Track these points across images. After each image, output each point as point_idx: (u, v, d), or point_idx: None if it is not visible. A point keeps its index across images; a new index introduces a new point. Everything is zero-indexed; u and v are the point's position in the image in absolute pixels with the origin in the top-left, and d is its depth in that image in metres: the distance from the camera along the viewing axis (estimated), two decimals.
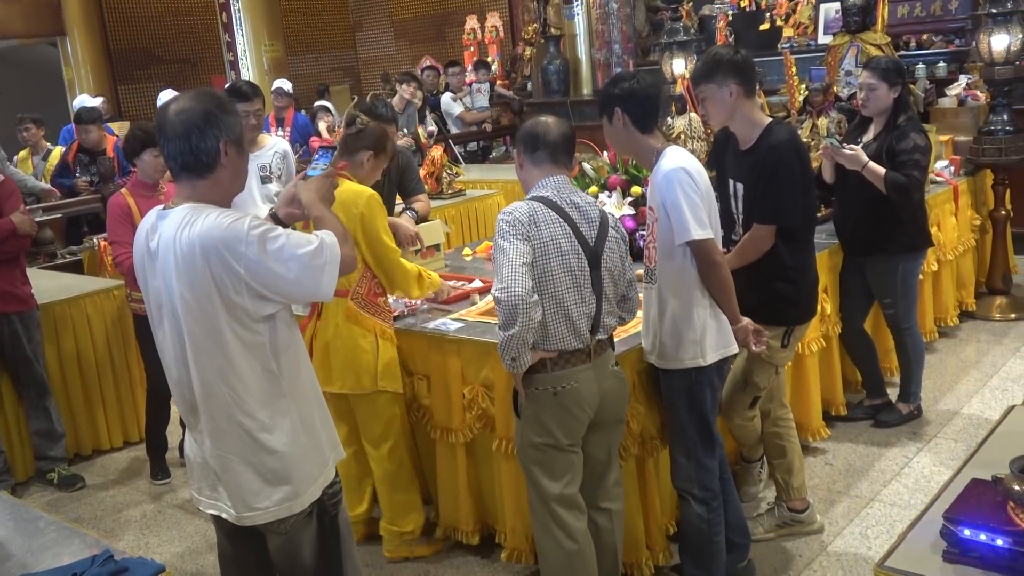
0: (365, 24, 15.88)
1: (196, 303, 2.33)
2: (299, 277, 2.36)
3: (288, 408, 2.46)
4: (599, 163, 4.83)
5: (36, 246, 5.99)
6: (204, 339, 2.36)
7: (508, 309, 2.71)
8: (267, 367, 2.42)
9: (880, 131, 4.42)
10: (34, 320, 4.76)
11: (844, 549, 3.60)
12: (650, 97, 3.08)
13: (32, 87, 14.00)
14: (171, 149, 2.38)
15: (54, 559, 2.25)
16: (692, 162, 3.03)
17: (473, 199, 7.01)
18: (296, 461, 2.47)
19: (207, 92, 2.47)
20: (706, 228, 2.97)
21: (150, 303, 2.49)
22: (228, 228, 2.29)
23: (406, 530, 3.73)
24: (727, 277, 3.03)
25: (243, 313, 2.35)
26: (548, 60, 10.13)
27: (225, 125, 2.38)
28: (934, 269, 5.36)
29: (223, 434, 2.42)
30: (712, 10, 9.19)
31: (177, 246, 2.32)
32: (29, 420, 4.86)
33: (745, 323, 3.11)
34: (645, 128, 3.09)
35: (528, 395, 2.91)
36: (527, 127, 3.03)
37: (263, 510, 2.46)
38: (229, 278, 2.30)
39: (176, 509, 4.51)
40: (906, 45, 8.00)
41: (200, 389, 2.40)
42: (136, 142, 4.51)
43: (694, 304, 3.05)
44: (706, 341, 3.06)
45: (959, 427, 4.54)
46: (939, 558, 1.96)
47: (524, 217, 2.82)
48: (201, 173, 2.39)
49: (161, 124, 2.39)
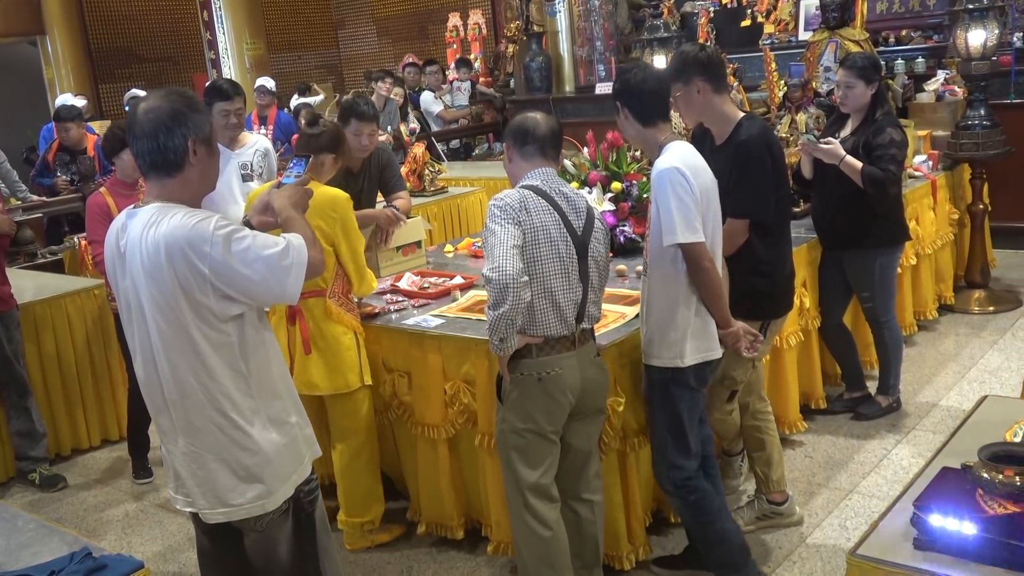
0: (348, 22, 15.85)
1: (164, 303, 2.33)
2: (264, 278, 2.35)
3: (259, 407, 2.46)
4: (580, 159, 4.85)
5: (16, 246, 5.97)
6: (174, 339, 2.36)
7: (499, 288, 2.75)
8: (235, 367, 2.41)
9: (857, 126, 4.46)
10: (14, 320, 4.73)
11: (823, 540, 3.63)
12: (649, 91, 3.06)
13: (12, 87, 13.91)
14: (140, 147, 2.38)
15: (33, 557, 2.25)
16: (690, 159, 3.01)
17: (455, 196, 7.01)
18: (269, 459, 2.46)
19: (176, 91, 2.46)
20: (696, 232, 2.94)
21: (120, 303, 2.49)
22: (193, 228, 2.29)
23: (366, 520, 3.76)
24: (715, 282, 3.02)
25: (209, 313, 2.35)
26: (531, 57, 10.14)
27: (194, 124, 2.38)
28: (913, 263, 5.39)
29: (197, 431, 2.42)
30: (694, 7, 9.24)
31: (143, 246, 2.33)
32: (10, 420, 4.84)
33: (735, 328, 3.11)
34: (646, 121, 3.08)
35: (513, 380, 2.95)
36: (517, 122, 3.08)
37: (237, 507, 2.46)
38: (194, 278, 2.30)
39: (158, 508, 4.50)
40: (885, 41, 8.06)
41: (173, 387, 2.40)
42: (115, 141, 4.50)
43: (679, 304, 3.05)
44: (686, 343, 3.06)
45: (937, 419, 4.58)
46: (910, 546, 1.99)
47: (515, 203, 2.88)
48: (169, 172, 2.38)
49: (131, 123, 2.39)
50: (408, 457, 3.89)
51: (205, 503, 2.48)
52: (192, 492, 2.49)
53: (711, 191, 3.05)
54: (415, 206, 5.56)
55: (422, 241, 4.69)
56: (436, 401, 3.62)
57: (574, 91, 10.13)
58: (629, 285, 4.00)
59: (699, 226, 2.95)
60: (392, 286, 4.20)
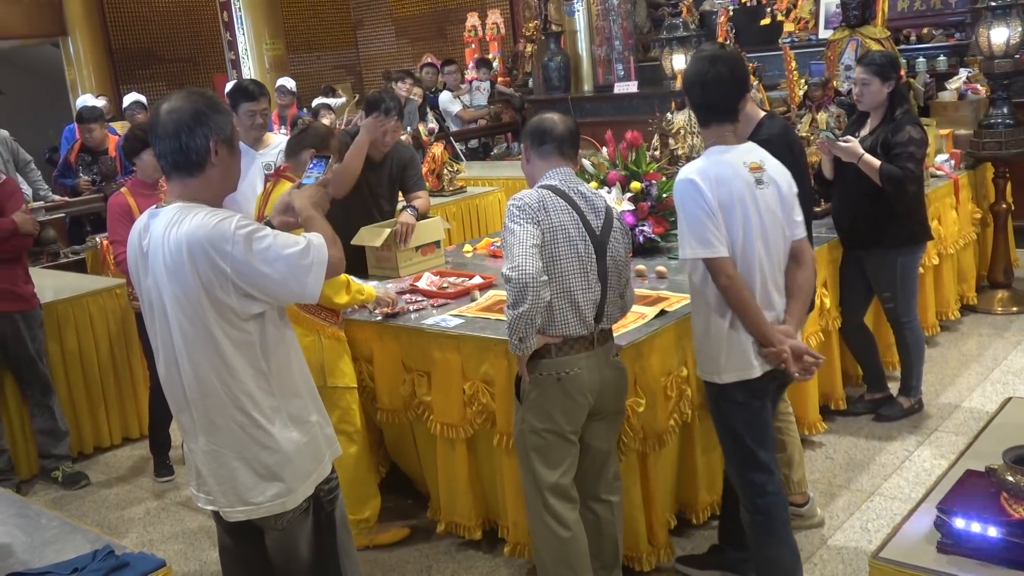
0: (366, 22, 15.88)
1: (186, 302, 2.35)
2: (285, 277, 2.36)
3: (280, 406, 2.48)
4: (599, 159, 4.84)
5: (39, 245, 6.01)
6: (196, 337, 2.37)
7: (519, 287, 2.75)
8: (256, 366, 2.43)
9: (877, 125, 4.43)
10: (37, 319, 4.77)
11: (844, 543, 3.61)
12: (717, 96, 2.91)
13: (35, 87, 14.03)
14: (162, 148, 2.40)
15: (56, 555, 2.27)
16: (714, 169, 2.84)
17: (474, 196, 7.02)
18: (289, 457, 2.47)
19: (198, 92, 2.48)
20: (709, 246, 2.78)
21: (143, 302, 2.51)
22: (215, 227, 2.31)
23: (362, 517, 3.77)
24: (737, 298, 2.82)
25: (231, 312, 2.36)
26: (549, 57, 10.12)
27: (216, 124, 2.39)
28: (935, 263, 5.35)
29: (218, 430, 2.44)
30: (713, 5, 9.20)
31: (166, 245, 2.34)
32: (33, 419, 4.88)
33: (777, 348, 2.85)
34: (703, 124, 2.99)
35: (532, 380, 2.95)
36: (534, 122, 3.08)
37: (257, 505, 2.47)
38: (216, 277, 2.31)
39: (179, 506, 4.53)
40: (906, 39, 7.99)
41: (194, 385, 2.42)
42: (136, 142, 4.54)
43: (711, 319, 2.92)
44: (721, 359, 2.91)
45: (960, 421, 4.54)
46: (933, 549, 1.97)
47: (534, 203, 2.87)
48: (191, 172, 2.40)
49: (153, 123, 2.42)
50: (427, 457, 3.90)
51: (226, 501, 2.50)
52: (213, 490, 2.51)
53: (747, 199, 2.83)
54: (434, 206, 5.58)
55: (441, 241, 4.69)
56: (455, 401, 3.62)
57: (592, 90, 10.11)
58: (648, 285, 3.99)
59: (714, 239, 2.78)
60: (411, 286, 4.20)
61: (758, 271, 2.88)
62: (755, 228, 2.85)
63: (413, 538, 3.94)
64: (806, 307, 3.05)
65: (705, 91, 2.91)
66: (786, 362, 2.87)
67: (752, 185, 2.86)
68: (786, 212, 2.93)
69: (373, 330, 3.85)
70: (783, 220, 2.93)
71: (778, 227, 2.91)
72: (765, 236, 2.87)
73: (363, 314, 3.88)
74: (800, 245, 2.99)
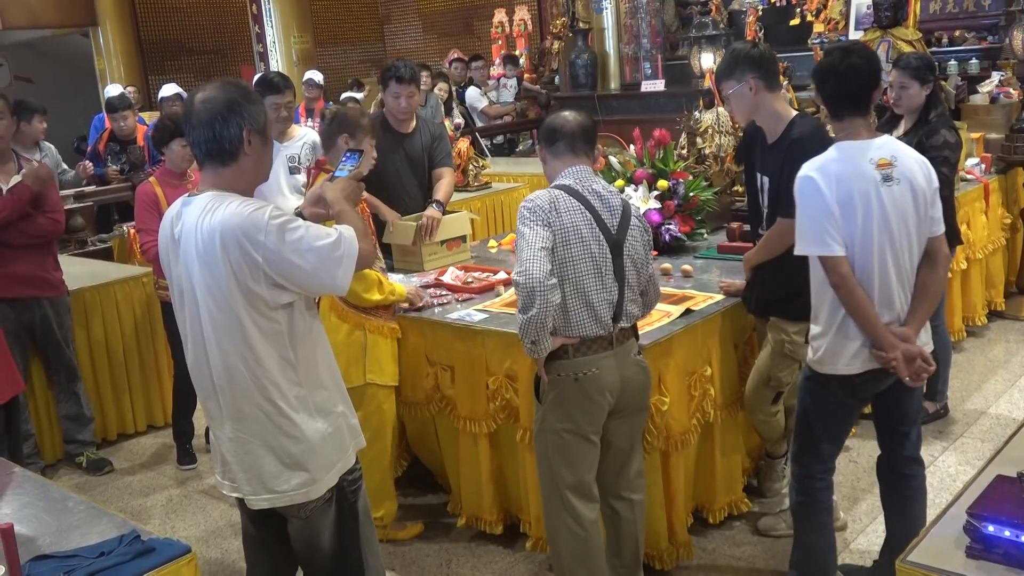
0: (394, 17, 15.91)
1: (217, 289, 2.37)
2: (316, 269, 2.38)
3: (305, 396, 2.49)
4: (626, 157, 4.83)
5: (67, 233, 6.06)
6: (225, 325, 2.39)
7: (526, 292, 2.74)
8: (284, 355, 2.44)
9: (911, 127, 4.38)
10: (65, 305, 4.81)
11: (867, 547, 3.59)
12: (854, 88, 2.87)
13: (64, 77, 14.15)
14: (196, 136, 2.42)
15: (82, 539, 2.28)
16: (835, 166, 2.80)
17: (499, 192, 7.02)
18: (314, 447, 2.49)
19: (232, 82, 2.51)
20: (824, 245, 2.77)
21: (173, 289, 2.54)
22: (248, 217, 2.33)
23: (376, 515, 3.76)
24: (848, 297, 2.79)
25: (260, 301, 2.38)
26: (576, 54, 10.11)
27: (249, 114, 2.42)
28: (963, 267, 5.31)
29: (245, 417, 2.46)
30: (742, 5, 9.15)
31: (198, 233, 2.36)
32: (59, 404, 4.93)
33: (891, 354, 2.80)
34: (834, 116, 2.93)
35: (550, 381, 2.93)
36: (546, 122, 3.08)
37: (281, 494, 2.49)
38: (247, 266, 2.33)
39: (201, 494, 4.56)
40: (938, 41, 7.92)
41: (223, 373, 2.44)
42: (165, 131, 4.57)
43: (825, 308, 2.91)
44: (824, 350, 2.91)
45: (986, 427, 4.50)
46: (962, 554, 1.95)
47: (545, 204, 2.85)
48: (224, 161, 2.42)
49: (187, 112, 2.44)
50: (449, 451, 3.90)
51: (250, 489, 2.51)
52: (238, 477, 2.52)
53: (871, 196, 2.78)
54: (459, 201, 5.58)
55: (467, 236, 4.69)
56: (478, 395, 3.62)
57: (619, 88, 10.08)
58: (674, 284, 3.97)
59: (830, 238, 2.76)
60: (436, 280, 4.21)
61: (877, 270, 2.83)
62: (876, 227, 2.80)
63: (433, 531, 3.94)
64: (932, 309, 2.99)
65: (840, 82, 2.86)
66: (896, 367, 2.83)
67: (877, 183, 2.80)
68: (921, 208, 2.87)
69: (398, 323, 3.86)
70: (916, 217, 2.86)
71: (908, 224, 2.85)
72: (890, 234, 2.82)
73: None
74: (935, 243, 2.93)
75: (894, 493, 3.18)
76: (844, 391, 2.94)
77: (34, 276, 4.60)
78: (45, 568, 2.10)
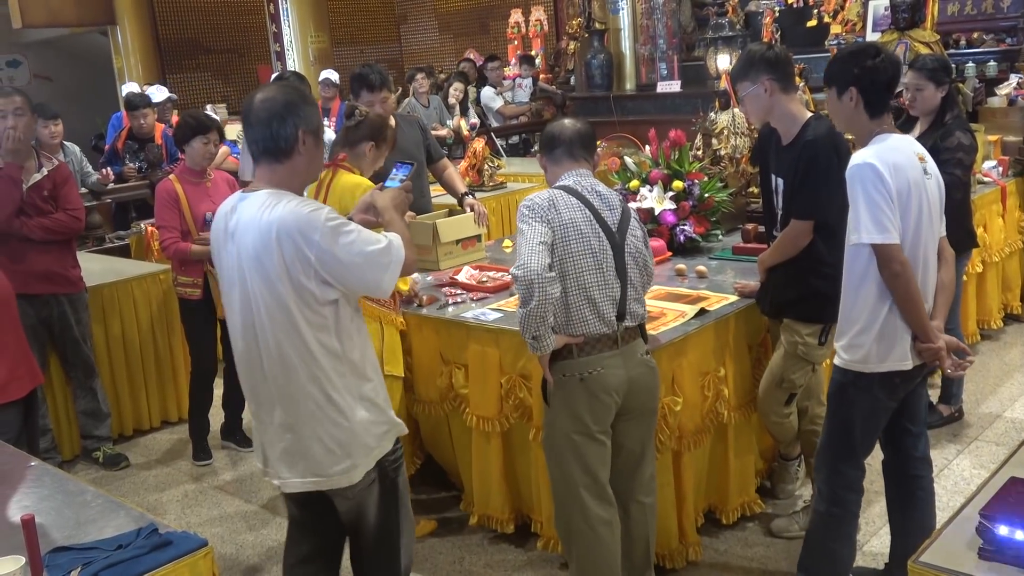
0: (410, 16, 15.94)
1: (270, 281, 2.49)
2: (363, 271, 2.51)
3: (351, 386, 2.61)
4: (641, 158, 4.83)
5: (86, 230, 6.10)
6: (277, 316, 2.51)
7: (525, 285, 2.76)
8: (332, 348, 2.56)
9: (926, 129, 4.38)
10: (82, 302, 4.86)
11: (880, 549, 3.58)
12: (885, 82, 2.88)
13: (83, 75, 14.26)
14: (253, 134, 2.55)
15: (99, 531, 2.30)
16: (889, 155, 2.78)
17: (514, 192, 7.03)
18: (358, 435, 2.62)
19: (291, 84, 2.71)
20: (886, 232, 2.72)
21: (222, 279, 2.66)
22: (306, 216, 2.45)
23: None
24: (906, 287, 2.77)
25: (310, 296, 2.49)
26: (592, 54, 10.10)
27: (304, 115, 2.54)
28: (979, 270, 5.29)
29: (295, 403, 2.57)
30: (758, 6, 9.12)
31: (256, 227, 2.48)
32: (76, 400, 4.97)
33: (936, 346, 2.82)
34: (873, 114, 2.90)
35: (556, 382, 2.94)
36: (545, 131, 3.13)
37: (327, 477, 2.62)
38: (300, 262, 2.45)
39: (216, 490, 4.59)
40: (956, 43, 7.88)
41: (276, 361, 2.55)
42: (186, 129, 4.61)
43: (867, 305, 2.85)
44: (872, 347, 2.85)
45: (1001, 430, 4.48)
46: (974, 555, 1.95)
47: (544, 202, 2.89)
48: (279, 158, 2.54)
49: (247, 111, 2.56)
50: (462, 449, 3.91)
51: (296, 473, 2.63)
52: (285, 461, 2.64)
53: (921, 188, 2.82)
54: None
55: (481, 235, 4.71)
56: (492, 394, 3.63)
57: (635, 89, 10.07)
58: (689, 285, 3.98)
59: (891, 226, 2.73)
60: (451, 279, 4.23)
61: (921, 262, 2.86)
62: (924, 219, 2.84)
63: (446, 529, 3.96)
64: (949, 305, 3.01)
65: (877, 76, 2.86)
66: (941, 358, 2.85)
67: (922, 175, 2.84)
68: (939, 207, 2.94)
69: (413, 322, 3.88)
70: (939, 214, 2.93)
71: (935, 220, 2.91)
72: (930, 227, 2.87)
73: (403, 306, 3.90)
74: (943, 242, 2.98)
75: (903, 494, 3.17)
76: (886, 391, 2.91)
77: (53, 273, 4.64)
78: (64, 560, 2.12)
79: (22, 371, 3.41)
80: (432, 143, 4.92)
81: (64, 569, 2.07)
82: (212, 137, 4.65)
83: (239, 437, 5.03)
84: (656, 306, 3.61)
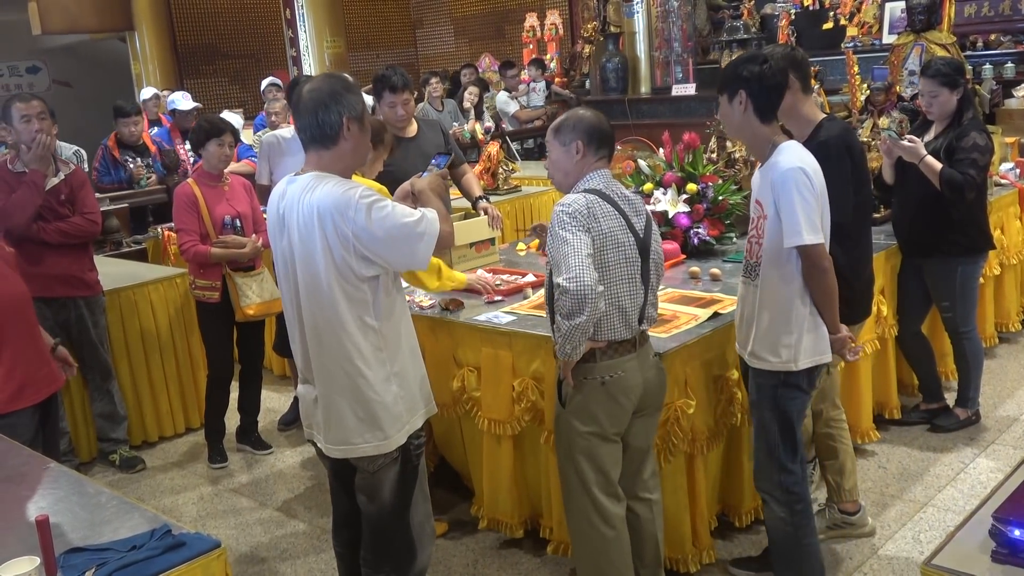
0: (426, 21, 16.01)
1: (311, 260, 2.66)
2: (398, 243, 2.66)
3: (385, 360, 2.76)
4: (655, 160, 4.83)
5: (102, 234, 6.13)
6: (316, 293, 2.69)
7: (577, 299, 2.72)
8: (368, 323, 2.72)
9: (943, 130, 4.35)
10: (100, 305, 4.89)
11: (895, 553, 3.56)
12: (778, 86, 3.00)
13: (102, 81, 14.37)
14: (302, 123, 2.72)
15: (114, 532, 2.32)
16: (810, 161, 2.95)
17: (528, 195, 7.04)
18: (388, 407, 2.77)
19: (336, 74, 2.88)
20: (817, 232, 2.88)
21: (277, 262, 2.84)
22: (342, 195, 2.62)
23: None
24: (832, 284, 2.95)
25: (350, 272, 2.66)
26: (607, 58, 10.10)
27: (348, 103, 2.70)
28: (996, 273, 5.25)
29: (331, 377, 2.75)
30: (774, 8, 9.12)
31: (300, 208, 2.67)
32: (93, 403, 5.01)
33: (844, 334, 3.05)
34: (765, 117, 2.98)
35: (576, 384, 2.94)
36: (582, 116, 2.99)
37: (355, 446, 2.79)
38: (340, 239, 2.62)
39: (232, 492, 4.61)
40: (972, 45, 7.85)
41: (314, 336, 2.73)
42: (202, 133, 4.65)
43: (794, 308, 2.97)
44: (801, 346, 2.98)
45: (1018, 434, 4.45)
46: (987, 558, 1.93)
47: (583, 209, 2.84)
48: (326, 144, 2.71)
49: (295, 101, 2.75)
50: (473, 452, 3.92)
51: (330, 439, 2.81)
52: (321, 429, 2.83)
53: (826, 193, 2.99)
54: None
55: (495, 239, 4.71)
56: (504, 397, 3.63)
57: (650, 92, 10.06)
58: (702, 288, 3.97)
59: (820, 226, 2.92)
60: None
61: None
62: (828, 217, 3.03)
63: (460, 532, 3.97)
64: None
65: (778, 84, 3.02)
66: (844, 347, 3.06)
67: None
68: None
69: (425, 324, 3.88)
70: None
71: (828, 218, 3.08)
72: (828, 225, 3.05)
73: (414, 308, 3.91)
74: None
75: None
76: (809, 383, 3.09)
77: (70, 276, 4.68)
78: (79, 560, 2.14)
79: (42, 376, 3.42)
80: (454, 147, 4.96)
81: (78, 569, 2.09)
82: (227, 140, 4.68)
83: (254, 440, 5.06)
84: (669, 309, 3.61)
